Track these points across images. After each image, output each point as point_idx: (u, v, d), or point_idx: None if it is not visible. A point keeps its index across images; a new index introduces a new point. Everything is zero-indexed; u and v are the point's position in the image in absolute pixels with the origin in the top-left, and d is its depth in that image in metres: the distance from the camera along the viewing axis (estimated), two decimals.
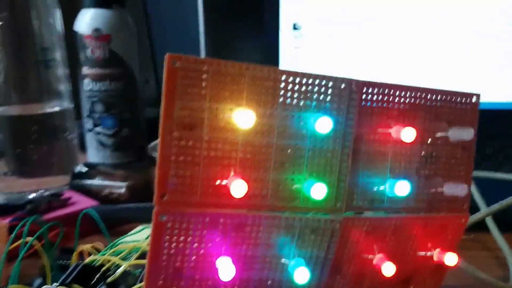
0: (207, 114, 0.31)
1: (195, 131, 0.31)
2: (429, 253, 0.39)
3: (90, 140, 0.76)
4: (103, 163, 0.74)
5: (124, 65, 0.73)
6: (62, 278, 0.40)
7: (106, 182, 0.68)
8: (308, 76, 0.33)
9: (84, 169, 0.70)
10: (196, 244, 0.33)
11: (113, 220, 0.58)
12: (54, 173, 0.68)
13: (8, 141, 0.66)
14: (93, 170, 0.71)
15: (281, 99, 0.33)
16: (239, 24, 0.94)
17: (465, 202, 0.39)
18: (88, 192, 0.66)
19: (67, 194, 0.63)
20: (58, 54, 0.68)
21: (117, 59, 0.72)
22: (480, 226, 0.56)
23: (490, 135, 0.80)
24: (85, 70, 0.72)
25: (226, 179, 0.32)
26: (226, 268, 0.32)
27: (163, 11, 1.06)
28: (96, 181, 0.68)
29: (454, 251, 0.39)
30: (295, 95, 0.33)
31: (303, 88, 0.33)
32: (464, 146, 0.38)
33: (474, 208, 0.54)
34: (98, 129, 0.74)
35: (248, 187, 0.32)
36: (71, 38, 0.72)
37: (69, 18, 0.73)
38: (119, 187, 0.68)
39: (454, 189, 0.37)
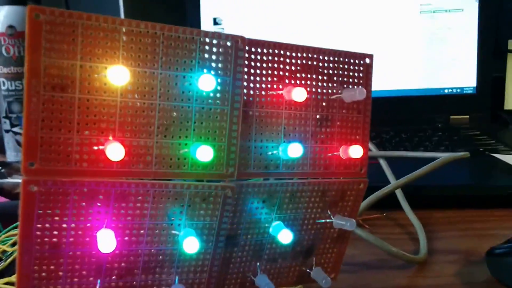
0: (79, 73, 0.28)
1: (67, 92, 0.28)
2: (328, 221, 0.36)
3: (8, 140, 0.72)
4: (18, 162, 0.69)
5: None
6: None
7: (20, 180, 0.63)
8: (191, 32, 0.30)
9: None
10: (74, 218, 0.29)
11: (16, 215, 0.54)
12: None
13: None
14: (7, 168, 0.66)
15: (162, 57, 0.30)
16: (160, 18, 0.91)
17: (363, 166, 0.37)
18: (2, 191, 0.62)
19: None
20: None
21: None
22: (394, 204, 0.55)
23: (408, 120, 0.81)
24: (1, 69, 0.68)
25: (104, 144, 0.29)
26: (106, 241, 0.29)
27: (84, 7, 1.01)
28: (9, 180, 0.64)
29: (354, 218, 0.37)
30: (178, 52, 0.30)
31: (186, 45, 0.30)
32: (359, 109, 0.36)
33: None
34: (15, 129, 0.70)
35: (130, 152, 0.29)
36: None
37: None
38: None
39: (350, 152, 0.35)
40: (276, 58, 0.33)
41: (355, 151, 0.35)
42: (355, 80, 0.36)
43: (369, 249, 0.46)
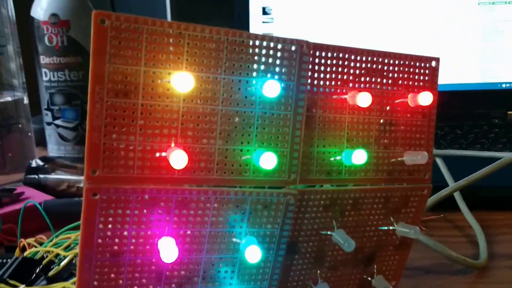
0: (143, 79, 0.27)
1: (130, 98, 0.27)
2: (391, 228, 0.35)
3: (50, 133, 0.70)
4: (61, 157, 0.69)
5: (85, 53, 0.67)
6: None
7: (64, 176, 0.63)
8: (255, 37, 0.29)
9: (40, 163, 0.64)
10: (135, 225, 0.28)
11: (67, 214, 0.53)
12: (9, 169, 0.63)
13: None
14: (50, 164, 0.65)
15: (225, 63, 0.29)
16: (208, 9, 0.90)
17: (427, 172, 0.35)
18: (44, 187, 0.61)
19: (21, 189, 0.58)
20: (10, 41, 0.62)
21: (77, 47, 0.67)
22: (451, 205, 0.53)
23: (462, 115, 0.78)
24: (43, 59, 0.67)
25: (166, 151, 0.28)
26: (168, 250, 0.28)
27: (129, 6, 1.00)
28: (53, 176, 0.63)
29: (418, 225, 0.35)
30: (241, 57, 0.29)
31: (250, 50, 0.29)
32: (424, 113, 0.35)
33: (443, 187, 0.51)
34: (58, 122, 0.69)
35: (192, 159, 0.28)
36: (28, 26, 0.67)
37: (26, 4, 0.67)
38: (78, 181, 0.62)
39: (415, 157, 0.33)
40: (340, 62, 0.32)
41: (421, 158, 0.33)
42: (421, 84, 0.34)
43: (428, 253, 0.45)
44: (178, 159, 0.27)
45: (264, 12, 0.83)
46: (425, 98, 0.33)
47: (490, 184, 0.55)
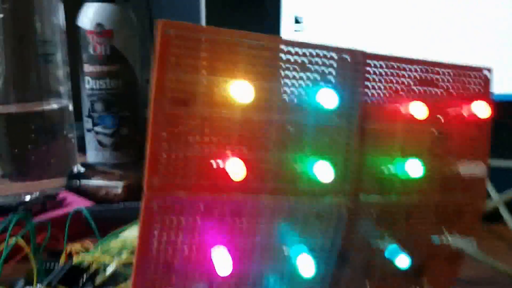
0: (202, 87, 0.27)
1: (189, 107, 0.27)
2: (444, 240, 0.34)
3: (90, 140, 0.71)
4: (101, 163, 0.69)
5: (125, 62, 0.68)
6: (47, 280, 0.35)
7: (102, 182, 0.63)
8: (310, 46, 0.29)
9: (82, 169, 0.65)
10: (189, 234, 0.28)
11: (108, 220, 0.53)
12: (52, 174, 0.63)
13: (5, 141, 0.61)
14: (90, 170, 0.66)
15: (281, 71, 0.28)
16: (241, 18, 0.90)
17: (482, 184, 0.34)
18: (85, 192, 0.61)
19: (63, 195, 0.58)
20: (59, 49, 0.63)
21: (118, 56, 0.67)
22: (494, 216, 0.52)
23: (504, 124, 0.76)
24: (87, 67, 0.68)
25: (222, 160, 0.28)
26: (222, 260, 0.27)
27: (165, 6, 1.01)
28: (93, 181, 0.63)
29: (471, 238, 0.34)
30: (297, 67, 0.29)
31: (305, 59, 0.29)
32: (478, 123, 0.34)
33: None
34: (97, 128, 0.70)
35: (247, 168, 0.28)
36: (74, 35, 0.68)
37: (73, 12, 0.68)
38: (115, 186, 0.63)
39: (472, 169, 0.33)
40: (393, 72, 0.32)
41: (478, 170, 0.33)
42: (475, 94, 0.34)
43: (473, 263, 0.44)
44: (236, 169, 0.27)
45: (296, 20, 0.83)
46: (480, 109, 0.32)
47: None
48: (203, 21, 0.90)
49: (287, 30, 0.84)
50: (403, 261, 0.32)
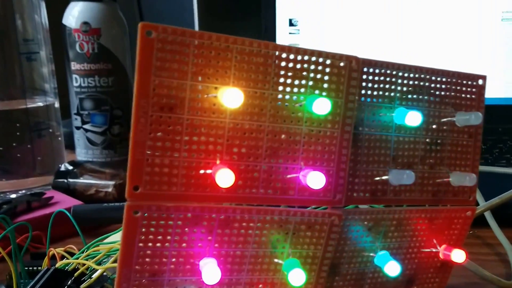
0: (189, 93, 0.25)
1: (175, 113, 0.25)
2: (434, 250, 0.32)
3: (79, 138, 0.68)
4: (89, 161, 0.67)
5: (115, 60, 0.66)
6: (29, 285, 0.33)
7: (92, 181, 0.61)
8: (304, 52, 0.27)
9: (69, 168, 0.62)
10: (176, 244, 0.26)
11: (97, 221, 0.51)
12: (38, 172, 0.61)
13: None
14: (79, 168, 0.63)
15: (273, 78, 0.27)
16: (235, 21, 0.88)
17: (472, 193, 0.33)
18: (73, 191, 0.59)
19: (50, 193, 0.55)
20: (43, 47, 0.60)
21: (107, 54, 0.65)
22: (479, 221, 0.50)
23: (486, 130, 0.75)
24: (74, 65, 0.65)
25: (211, 168, 0.26)
26: (210, 271, 0.26)
27: (157, 5, 0.98)
28: (81, 180, 0.61)
29: (460, 247, 0.33)
30: (289, 73, 0.27)
31: (298, 65, 0.27)
32: (470, 132, 0.32)
33: None
34: (87, 126, 0.67)
35: (236, 177, 0.26)
36: (59, 32, 0.65)
37: (59, 11, 0.66)
38: (106, 185, 0.60)
39: (462, 179, 0.31)
40: (388, 79, 0.30)
41: (468, 180, 0.31)
42: (467, 102, 0.32)
43: (459, 271, 0.42)
44: (224, 177, 0.25)
45: (291, 23, 0.81)
46: (474, 118, 0.31)
47: None
48: (196, 23, 0.88)
49: (282, 33, 0.82)
50: (393, 268, 0.30)
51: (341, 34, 0.80)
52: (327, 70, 0.28)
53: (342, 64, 0.28)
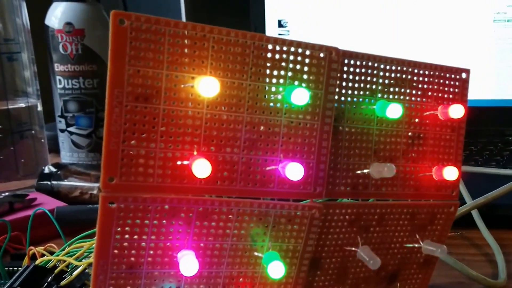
0: (165, 83, 0.25)
1: (151, 103, 0.25)
2: (417, 245, 0.32)
3: (63, 140, 0.68)
4: (74, 164, 0.66)
5: (100, 61, 0.66)
6: (9, 282, 0.33)
7: (77, 183, 0.60)
8: (282, 42, 0.27)
9: (53, 170, 0.62)
10: (153, 236, 0.26)
11: (81, 222, 0.50)
12: (21, 175, 0.60)
13: None
14: (63, 170, 0.63)
15: (251, 68, 0.26)
16: (224, 22, 0.88)
17: (455, 188, 0.33)
18: (57, 193, 0.58)
19: (33, 195, 0.55)
20: (25, 48, 0.60)
21: (92, 55, 0.65)
22: (468, 222, 0.50)
23: (477, 132, 0.75)
24: (57, 67, 0.65)
25: (188, 158, 0.25)
26: (188, 263, 0.25)
27: (143, 5, 0.98)
28: (65, 182, 0.60)
29: (443, 242, 0.33)
30: (268, 63, 0.27)
31: (277, 55, 0.27)
32: (453, 126, 0.32)
33: (460, 203, 0.49)
34: (71, 129, 0.67)
35: (214, 168, 0.26)
36: (43, 34, 0.65)
37: (42, 12, 0.65)
38: (91, 188, 0.60)
39: (444, 173, 0.31)
40: (369, 71, 0.30)
41: (450, 173, 0.31)
42: (450, 96, 0.32)
43: (445, 270, 0.42)
44: (201, 168, 0.25)
45: (280, 24, 0.81)
46: (456, 111, 0.31)
47: (507, 203, 0.52)
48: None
49: (272, 34, 0.82)
50: (374, 262, 0.30)
51: (331, 35, 0.80)
52: (307, 61, 0.27)
53: (322, 55, 0.28)
